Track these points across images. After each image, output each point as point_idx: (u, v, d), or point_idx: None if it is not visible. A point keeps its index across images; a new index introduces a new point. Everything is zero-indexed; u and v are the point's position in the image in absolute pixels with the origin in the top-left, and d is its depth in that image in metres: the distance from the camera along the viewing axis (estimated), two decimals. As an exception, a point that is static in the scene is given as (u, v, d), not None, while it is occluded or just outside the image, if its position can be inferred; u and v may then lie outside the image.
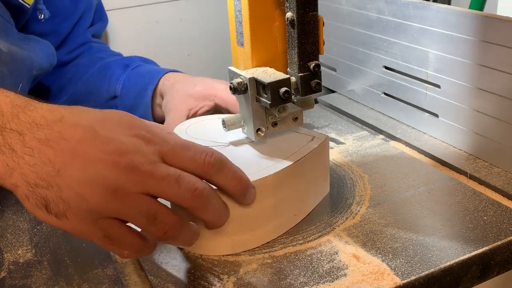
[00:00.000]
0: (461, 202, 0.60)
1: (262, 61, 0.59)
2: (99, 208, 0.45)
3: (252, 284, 0.50)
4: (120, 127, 0.47)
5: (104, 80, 0.90)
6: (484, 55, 0.64)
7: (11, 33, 0.78)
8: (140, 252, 0.48)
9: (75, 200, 0.44)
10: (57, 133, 0.45)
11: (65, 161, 0.44)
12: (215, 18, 1.18)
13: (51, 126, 0.45)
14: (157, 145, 0.47)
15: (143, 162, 0.45)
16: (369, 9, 0.80)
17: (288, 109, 0.58)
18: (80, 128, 0.45)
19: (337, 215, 0.60)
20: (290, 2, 0.55)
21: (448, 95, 0.71)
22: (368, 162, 0.71)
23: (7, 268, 0.55)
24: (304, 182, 0.58)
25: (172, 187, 0.46)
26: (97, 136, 0.45)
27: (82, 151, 0.45)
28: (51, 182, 0.44)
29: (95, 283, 0.52)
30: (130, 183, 0.45)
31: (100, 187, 0.44)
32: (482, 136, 0.67)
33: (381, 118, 0.83)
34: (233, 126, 0.61)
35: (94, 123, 0.46)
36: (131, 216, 0.46)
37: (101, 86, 0.90)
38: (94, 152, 0.45)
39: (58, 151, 0.44)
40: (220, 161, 0.49)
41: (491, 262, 0.54)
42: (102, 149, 0.45)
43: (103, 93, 0.89)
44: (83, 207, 0.44)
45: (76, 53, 0.95)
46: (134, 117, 0.49)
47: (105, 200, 0.44)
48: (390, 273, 0.50)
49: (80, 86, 0.92)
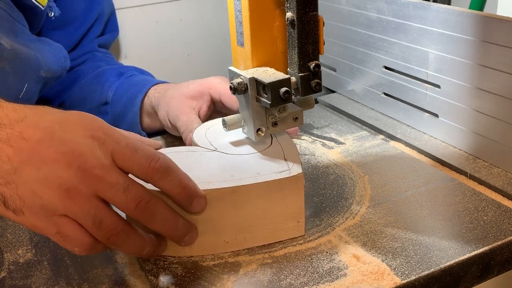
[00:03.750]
0: (461, 202, 0.60)
1: (262, 61, 0.59)
2: (52, 206, 0.46)
3: (252, 284, 0.50)
4: (78, 128, 0.49)
5: (97, 86, 0.91)
6: (484, 55, 0.64)
7: (21, 34, 0.79)
8: (91, 250, 0.49)
9: (30, 197, 0.46)
10: (18, 133, 0.47)
11: (23, 160, 0.46)
12: (215, 18, 1.18)
13: (13, 125, 0.47)
14: (110, 146, 0.48)
15: (95, 165, 0.47)
16: (369, 9, 0.80)
17: (288, 109, 0.58)
18: (40, 129, 0.47)
19: (337, 215, 0.60)
20: (290, 2, 0.55)
21: (448, 95, 0.71)
22: (368, 162, 0.71)
23: (7, 268, 0.55)
24: (248, 212, 0.54)
25: (120, 195, 0.48)
26: (55, 137, 0.47)
27: (39, 151, 0.47)
28: (9, 180, 0.46)
29: (95, 283, 0.52)
30: (81, 184, 0.47)
31: (53, 185, 0.46)
32: (482, 136, 0.67)
33: (381, 118, 0.83)
34: (233, 126, 0.61)
35: (53, 124, 0.48)
36: (79, 217, 0.47)
37: (94, 92, 0.91)
38: (50, 152, 0.47)
39: (17, 150, 0.46)
40: (165, 167, 0.49)
41: (491, 262, 0.54)
42: (58, 150, 0.47)
43: (96, 98, 0.90)
44: (37, 203, 0.46)
45: (79, 60, 0.96)
46: (93, 117, 0.50)
47: (57, 198, 0.46)
48: (390, 273, 0.50)
49: (76, 91, 0.93)
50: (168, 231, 0.51)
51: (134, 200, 0.48)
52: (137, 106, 0.84)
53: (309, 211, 0.61)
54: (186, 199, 0.51)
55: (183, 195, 0.51)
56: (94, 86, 0.91)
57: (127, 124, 0.86)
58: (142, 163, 0.49)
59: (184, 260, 0.54)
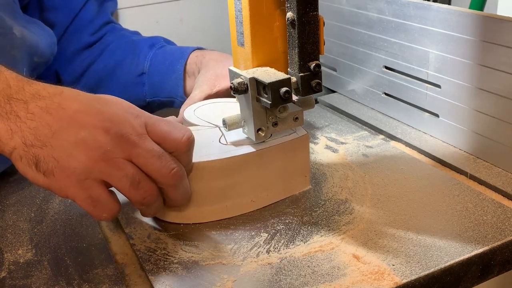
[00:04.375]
0: (461, 202, 0.60)
1: (263, 61, 0.59)
2: (87, 168, 0.49)
3: (252, 284, 0.50)
4: (113, 104, 0.52)
5: (133, 57, 0.92)
6: (484, 55, 0.64)
7: (17, 14, 0.78)
8: (114, 215, 0.52)
9: (65, 159, 0.49)
10: (57, 104, 0.49)
11: (62, 126, 0.49)
12: (215, 18, 1.18)
13: (52, 97, 0.50)
14: (143, 118, 0.52)
15: (132, 133, 0.50)
16: (370, 9, 0.80)
17: (288, 109, 0.58)
18: (78, 101, 0.50)
19: (337, 215, 0.60)
20: (290, 2, 0.55)
21: (448, 95, 0.71)
22: (368, 162, 0.71)
23: (7, 268, 0.55)
24: (269, 172, 0.61)
25: (154, 161, 0.51)
26: (93, 107, 0.50)
27: (78, 119, 0.49)
28: (46, 142, 0.49)
29: (95, 283, 0.52)
30: (117, 148, 0.50)
31: (90, 148, 0.49)
32: (482, 136, 0.67)
33: (381, 118, 0.83)
34: (234, 126, 0.61)
35: (91, 99, 0.51)
36: (116, 178, 0.50)
37: (130, 63, 0.92)
38: (89, 119, 0.50)
39: (57, 117, 0.49)
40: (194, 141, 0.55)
41: (491, 262, 0.54)
42: (96, 118, 0.50)
43: (132, 69, 0.92)
44: (72, 165, 0.49)
45: (101, 33, 0.95)
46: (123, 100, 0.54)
47: (94, 161, 0.49)
48: (390, 273, 0.50)
49: (109, 61, 0.93)
50: (182, 199, 0.56)
51: (167, 167, 0.52)
52: (179, 72, 0.87)
53: (309, 211, 0.61)
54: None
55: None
56: (129, 56, 0.92)
57: (167, 91, 0.90)
58: (178, 137, 0.53)
59: (184, 260, 0.54)
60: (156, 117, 0.54)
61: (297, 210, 0.61)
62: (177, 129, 0.53)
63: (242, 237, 0.57)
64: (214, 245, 0.56)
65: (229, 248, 0.55)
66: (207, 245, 0.56)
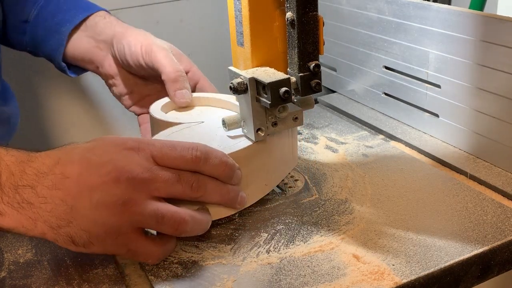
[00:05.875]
0: (461, 202, 0.60)
1: (262, 61, 0.59)
2: (115, 226, 0.49)
3: (252, 284, 0.50)
4: (109, 148, 0.52)
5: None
6: (484, 55, 0.64)
7: None
8: (163, 255, 0.53)
9: (93, 227, 0.49)
10: (60, 175, 0.50)
11: (74, 197, 0.49)
12: (215, 18, 1.18)
13: (53, 170, 0.50)
14: (147, 150, 0.52)
15: (141, 171, 0.50)
16: (370, 9, 0.80)
17: (288, 109, 0.58)
18: (76, 163, 0.50)
19: (337, 215, 0.60)
20: (290, 2, 0.55)
21: (448, 95, 0.71)
22: (368, 162, 0.71)
23: (7, 268, 0.55)
24: (272, 156, 0.63)
25: (176, 186, 0.52)
26: (92, 164, 0.50)
27: (84, 182, 0.49)
28: (69, 219, 0.49)
29: (95, 283, 0.52)
30: (135, 193, 0.49)
31: (109, 206, 0.49)
32: (482, 136, 0.67)
33: (381, 118, 0.83)
34: (233, 126, 0.61)
35: (85, 153, 0.51)
36: (142, 222, 0.50)
37: (17, 4, 0.82)
38: (94, 179, 0.49)
39: (66, 190, 0.49)
40: (205, 152, 0.53)
41: (491, 262, 0.54)
42: (100, 173, 0.49)
43: (18, 12, 0.81)
44: (101, 230, 0.49)
45: None
46: (115, 136, 0.54)
47: (117, 216, 0.49)
48: (390, 273, 0.50)
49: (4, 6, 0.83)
50: (223, 198, 0.56)
51: (188, 185, 0.52)
52: (64, 35, 0.78)
53: (309, 211, 0.61)
54: (229, 173, 0.55)
55: (226, 171, 0.55)
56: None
57: (46, 50, 0.81)
58: (185, 156, 0.52)
59: (184, 260, 0.54)
60: (159, 144, 0.53)
61: (297, 210, 0.61)
62: (184, 149, 0.53)
63: (242, 237, 0.57)
64: (214, 245, 0.56)
65: (229, 248, 0.55)
66: (207, 245, 0.56)
